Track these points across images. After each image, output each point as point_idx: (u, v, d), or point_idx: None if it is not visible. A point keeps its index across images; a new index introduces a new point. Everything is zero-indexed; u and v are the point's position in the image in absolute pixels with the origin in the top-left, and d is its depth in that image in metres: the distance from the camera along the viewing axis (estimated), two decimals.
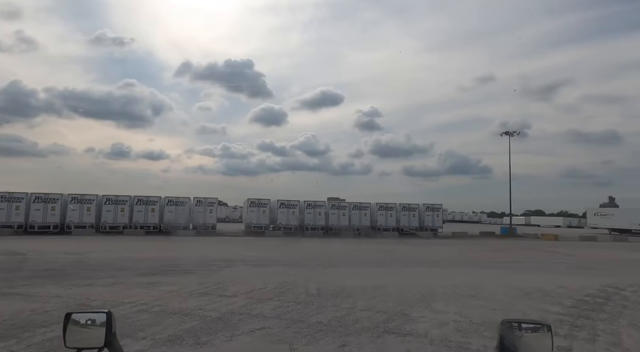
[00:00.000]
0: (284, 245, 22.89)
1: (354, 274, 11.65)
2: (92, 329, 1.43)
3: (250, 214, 33.80)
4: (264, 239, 28.13)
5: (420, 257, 17.83)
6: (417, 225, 37.08)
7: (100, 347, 1.40)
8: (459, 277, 11.44)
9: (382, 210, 36.70)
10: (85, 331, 1.44)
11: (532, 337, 1.40)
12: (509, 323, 1.40)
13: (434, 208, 37.93)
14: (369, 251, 20.12)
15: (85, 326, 1.44)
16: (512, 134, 39.91)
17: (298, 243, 24.67)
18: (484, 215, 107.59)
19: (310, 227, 34.59)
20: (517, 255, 19.64)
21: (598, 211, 46.80)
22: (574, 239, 33.67)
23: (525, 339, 1.37)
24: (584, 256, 19.60)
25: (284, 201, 34.54)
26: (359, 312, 6.99)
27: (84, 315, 1.48)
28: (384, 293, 8.67)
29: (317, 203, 35.29)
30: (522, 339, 1.37)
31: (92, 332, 1.43)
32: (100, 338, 1.40)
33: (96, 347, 1.40)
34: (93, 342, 1.41)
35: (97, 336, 1.41)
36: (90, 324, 1.45)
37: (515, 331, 1.38)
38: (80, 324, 1.45)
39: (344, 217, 35.69)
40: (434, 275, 11.90)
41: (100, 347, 1.40)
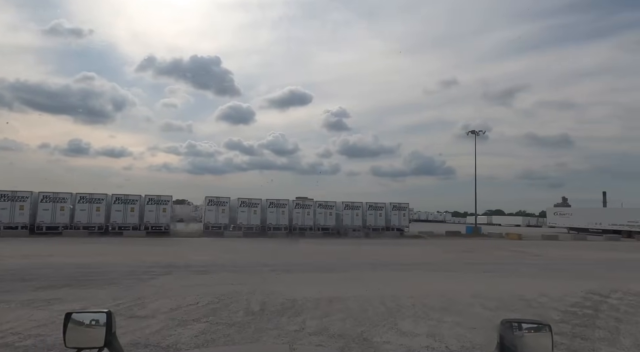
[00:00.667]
0: (241, 246, 21.04)
1: (311, 282, 10.10)
2: (92, 329, 1.41)
3: (208, 213, 31.57)
4: (221, 240, 26.07)
5: (386, 258, 16.57)
6: (383, 224, 36.15)
7: (100, 347, 1.37)
8: (428, 283, 10.17)
9: (348, 209, 35.48)
10: (85, 330, 1.41)
11: (532, 337, 1.38)
12: (508, 323, 1.38)
13: (400, 207, 37.15)
14: (332, 252, 18.69)
15: (85, 325, 1.42)
16: (478, 132, 39.92)
17: (257, 244, 22.88)
18: (448, 214, 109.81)
19: (273, 227, 32.82)
20: (485, 256, 18.83)
21: (557, 210, 47.94)
22: (536, 238, 33.86)
23: (525, 339, 1.35)
24: (551, 256, 19.09)
25: (244, 199, 32.55)
26: (307, 338, 5.44)
27: (84, 315, 1.44)
28: (343, 308, 7.16)
29: (280, 202, 33.53)
30: (522, 339, 1.34)
31: (92, 332, 1.40)
32: (100, 338, 1.38)
33: (96, 347, 1.37)
34: (93, 342, 1.38)
35: (97, 335, 1.38)
36: (90, 324, 1.42)
37: (515, 331, 1.36)
38: (80, 323, 1.42)
39: (308, 216, 34.16)
40: (401, 281, 10.57)
41: (100, 347, 1.37)
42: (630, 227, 38.19)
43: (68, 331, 1.40)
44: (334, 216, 35.03)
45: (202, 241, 25.48)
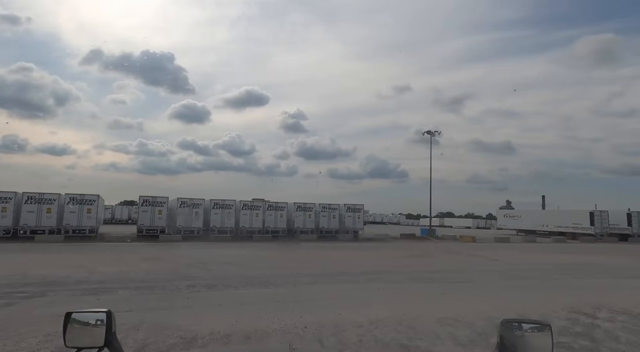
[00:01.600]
0: (170, 253, 18.14)
1: (231, 304, 7.77)
2: (92, 329, 1.41)
3: (142, 215, 28.04)
4: (153, 246, 22.86)
5: (336, 266, 14.52)
6: (337, 227, 34.35)
7: (100, 346, 1.37)
8: (381, 303, 8.17)
9: (300, 210, 33.31)
10: (85, 330, 1.41)
11: (532, 337, 1.38)
12: (509, 323, 1.38)
13: (355, 209, 35.55)
14: (276, 259, 16.39)
15: (85, 325, 1.42)
16: (433, 133, 39.37)
17: (192, 250, 20.04)
18: (402, 217, 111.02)
19: (217, 230, 29.88)
20: (442, 261, 17.38)
21: (507, 213, 48.78)
22: (489, 240, 33.56)
23: (525, 339, 1.36)
24: (508, 260, 18.01)
25: (185, 199, 29.35)
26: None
27: (84, 314, 1.44)
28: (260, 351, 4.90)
29: (225, 202, 30.67)
30: (522, 339, 1.35)
31: (92, 331, 1.40)
32: (100, 338, 1.38)
33: (96, 346, 1.37)
34: (93, 342, 1.38)
35: (97, 335, 1.38)
36: (90, 324, 1.42)
37: (515, 331, 1.37)
38: (80, 323, 1.42)
39: (257, 218, 31.56)
40: (347, 300, 8.49)
41: (100, 347, 1.37)
42: (574, 229, 39.23)
43: (68, 330, 1.39)
44: (285, 218, 32.73)
45: (130, 246, 22.16)
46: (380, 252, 21.38)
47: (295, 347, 1.59)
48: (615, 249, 27.81)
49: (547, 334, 1.37)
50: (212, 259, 15.96)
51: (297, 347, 1.62)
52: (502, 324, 1.39)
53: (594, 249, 27.33)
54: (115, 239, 25.40)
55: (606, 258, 20.24)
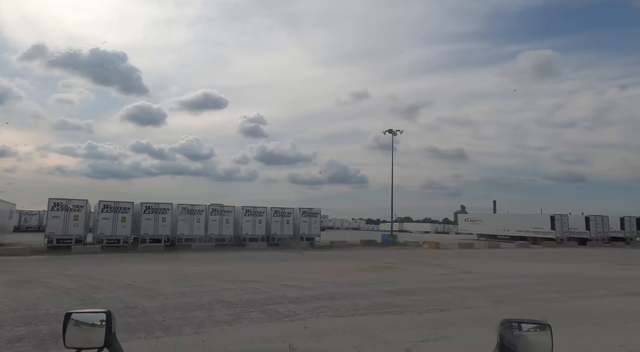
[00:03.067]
0: (62, 272, 13.95)
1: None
2: (92, 329, 1.40)
3: (53, 222, 23.18)
4: (50, 260, 18.37)
5: (278, 286, 11.18)
6: (290, 233, 30.99)
7: (100, 347, 1.36)
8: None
9: (249, 215, 29.62)
10: (85, 330, 1.40)
11: (532, 336, 1.38)
12: (509, 323, 1.37)
13: (311, 213, 32.37)
14: (198, 278, 12.77)
15: (85, 325, 1.41)
16: (395, 132, 37.13)
17: (99, 266, 15.91)
18: (362, 222, 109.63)
19: (149, 239, 25.53)
20: (408, 275, 14.53)
21: (468, 217, 47.66)
22: (453, 246, 31.58)
23: (525, 339, 1.35)
24: (482, 272, 15.52)
25: (108, 202, 24.76)
26: None
27: (84, 315, 1.44)
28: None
29: (160, 206, 26.39)
30: (522, 339, 1.35)
31: (92, 332, 1.39)
32: (100, 338, 1.37)
33: (96, 347, 1.36)
34: (93, 342, 1.37)
35: (97, 335, 1.38)
36: (90, 324, 1.41)
37: (515, 331, 1.36)
38: (80, 323, 1.41)
39: (198, 224, 27.51)
40: None
41: (100, 347, 1.36)
42: (536, 234, 38.38)
43: (68, 331, 1.38)
44: (232, 223, 28.90)
45: (18, 261, 17.54)
46: (337, 263, 18.26)
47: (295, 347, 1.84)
48: (582, 254, 26.56)
49: (547, 334, 1.37)
50: (114, 279, 12.07)
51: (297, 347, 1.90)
52: (502, 324, 1.38)
53: (560, 254, 25.88)
54: (11, 251, 20.46)
55: (583, 266, 18.38)
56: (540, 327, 1.40)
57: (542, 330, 1.39)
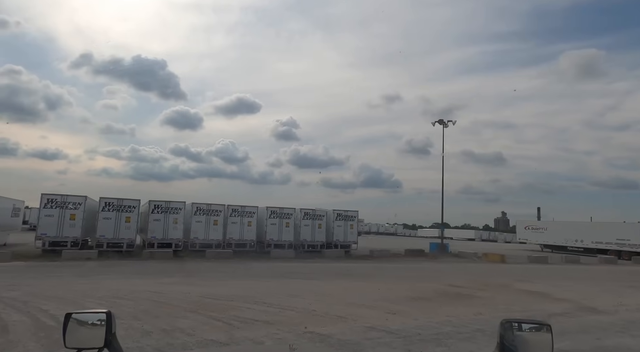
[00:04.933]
0: (21, 288, 10.04)
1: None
2: (92, 329, 1.41)
3: (45, 221, 19.82)
4: (33, 268, 14.75)
5: (288, 339, 6.58)
6: (323, 239, 26.34)
7: (100, 347, 1.37)
8: None
9: (275, 217, 25.25)
10: (85, 331, 1.41)
11: (532, 336, 1.38)
12: (509, 323, 1.38)
13: (347, 217, 27.59)
14: (176, 310, 8.42)
15: (85, 325, 1.42)
16: (447, 123, 31.60)
17: (77, 279, 11.95)
18: (399, 227, 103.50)
19: (157, 244, 21.75)
20: (499, 312, 9.46)
21: (530, 224, 40.98)
22: (521, 259, 25.70)
23: (525, 339, 1.35)
24: (615, 311, 10.15)
25: (110, 200, 21.19)
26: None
27: (84, 315, 1.45)
28: None
29: (170, 205, 22.57)
30: (522, 339, 1.34)
31: (92, 332, 1.40)
32: (100, 338, 1.38)
33: (96, 347, 1.37)
34: (93, 343, 1.38)
35: (97, 336, 1.38)
36: (90, 324, 1.42)
37: (515, 331, 1.36)
38: (80, 323, 1.42)
39: (215, 227, 23.47)
40: None
41: (100, 348, 1.37)
42: (620, 246, 31.51)
43: (68, 331, 1.39)
44: (255, 227, 24.66)
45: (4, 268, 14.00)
46: (386, 284, 13.39)
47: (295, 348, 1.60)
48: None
49: (547, 334, 1.38)
50: (84, 299, 7.91)
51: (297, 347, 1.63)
52: (502, 324, 1.38)
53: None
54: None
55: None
56: (541, 327, 1.41)
57: (543, 330, 1.40)
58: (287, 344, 4.32)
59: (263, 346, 4.70)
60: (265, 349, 3.40)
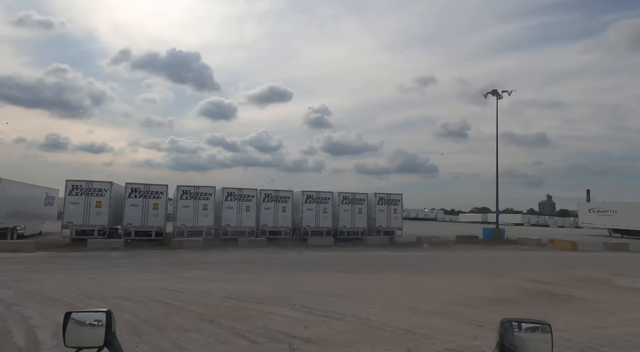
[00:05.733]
0: (11, 282, 8.56)
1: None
2: (92, 329, 1.39)
3: (71, 209, 18.80)
4: (52, 259, 13.56)
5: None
6: (364, 226, 24.06)
7: (99, 346, 1.36)
8: None
9: (311, 202, 23.20)
10: (84, 330, 1.39)
11: (532, 336, 1.38)
12: (509, 323, 1.37)
13: (390, 200, 25.08)
14: (180, 314, 6.47)
15: (85, 325, 1.40)
16: (501, 94, 27.96)
17: (81, 275, 10.41)
18: (440, 212, 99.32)
19: (186, 232, 20.33)
20: (618, 319, 6.82)
21: (595, 206, 36.56)
22: (596, 246, 22.21)
23: (525, 339, 1.34)
24: None
25: (137, 185, 19.86)
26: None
27: (84, 314, 1.44)
28: None
29: (199, 190, 21.01)
30: (522, 339, 1.34)
31: (92, 331, 1.38)
32: (99, 337, 1.36)
33: (96, 346, 1.36)
34: (93, 342, 1.36)
35: (96, 335, 1.37)
36: (89, 324, 1.40)
37: (515, 330, 1.36)
38: (80, 323, 1.40)
39: (247, 213, 21.76)
40: None
41: (99, 347, 1.36)
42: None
43: (67, 330, 1.38)
44: (290, 213, 22.73)
45: (9, 261, 12.86)
46: (448, 280, 10.94)
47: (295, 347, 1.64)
48: None
49: (547, 334, 1.37)
50: (85, 300, 6.18)
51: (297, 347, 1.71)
52: (502, 323, 1.37)
53: None
54: (12, 246, 16.23)
55: None
56: (541, 327, 1.39)
57: (542, 330, 1.39)
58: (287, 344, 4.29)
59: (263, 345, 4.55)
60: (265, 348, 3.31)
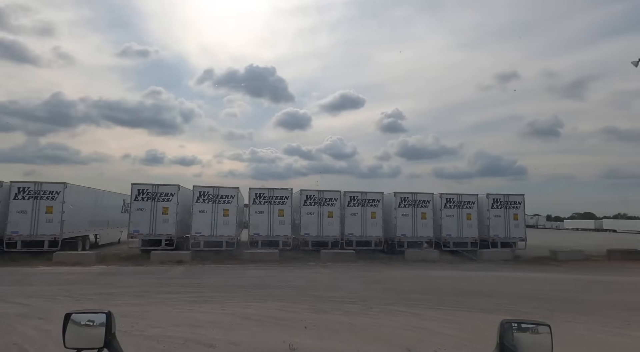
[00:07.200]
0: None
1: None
2: (92, 329, 1.39)
3: (137, 216, 16.79)
4: (105, 276, 11.19)
5: None
6: (475, 235, 18.99)
7: (99, 347, 1.35)
8: None
9: (406, 206, 18.83)
10: (84, 331, 1.39)
11: (532, 337, 1.39)
12: (509, 323, 1.37)
13: (507, 203, 19.67)
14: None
15: (85, 326, 1.40)
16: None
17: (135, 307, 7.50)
18: (541, 218, 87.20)
19: (260, 242, 17.31)
20: None
21: None
22: None
23: (525, 339, 1.35)
24: None
25: (205, 188, 17.30)
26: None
27: (84, 315, 1.42)
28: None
29: (274, 193, 17.88)
30: (522, 339, 1.34)
31: (92, 332, 1.38)
32: (99, 338, 1.36)
33: (96, 347, 1.35)
34: (93, 343, 1.36)
35: (96, 336, 1.37)
36: (89, 324, 1.40)
37: (515, 331, 1.36)
38: (80, 324, 1.40)
39: (330, 220, 18.11)
40: None
41: (99, 348, 1.35)
42: None
43: (67, 331, 1.37)
44: (380, 219, 18.58)
45: (61, 275, 10.70)
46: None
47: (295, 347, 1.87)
48: None
49: (546, 334, 1.37)
50: None
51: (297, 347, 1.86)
52: (502, 324, 1.37)
53: None
54: (73, 259, 14.43)
55: None
56: (540, 328, 1.40)
57: (542, 330, 1.39)
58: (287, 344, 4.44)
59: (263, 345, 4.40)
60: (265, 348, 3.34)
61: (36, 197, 15.78)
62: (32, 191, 15.80)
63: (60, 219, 15.84)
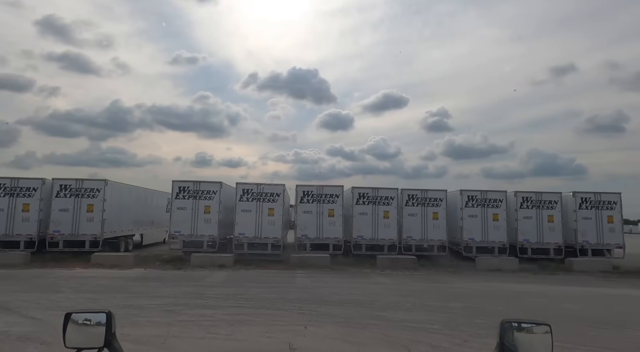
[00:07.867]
0: None
1: None
2: (92, 329, 1.37)
3: (178, 215, 15.71)
4: (135, 284, 9.97)
5: None
6: (558, 239, 16.05)
7: (100, 347, 1.33)
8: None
9: (474, 205, 16.30)
10: (85, 331, 1.37)
11: (532, 336, 1.36)
12: (509, 323, 1.35)
13: (600, 203, 16.49)
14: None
15: (85, 326, 1.38)
16: None
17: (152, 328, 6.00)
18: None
19: (309, 245, 15.58)
20: None
21: None
22: None
23: (525, 339, 1.32)
24: None
25: (249, 186, 15.90)
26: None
27: (84, 315, 1.41)
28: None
29: (324, 191, 16.02)
30: (522, 339, 1.32)
31: (92, 332, 1.36)
32: (100, 338, 1.34)
33: (96, 347, 1.33)
34: (93, 342, 1.34)
35: (96, 336, 1.35)
36: (90, 324, 1.38)
37: (515, 331, 1.33)
38: (80, 324, 1.38)
39: (385, 221, 16.02)
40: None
41: (100, 347, 1.33)
42: None
43: (68, 331, 1.35)
44: (443, 221, 16.20)
45: (97, 279, 9.62)
46: None
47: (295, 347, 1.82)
48: None
49: (547, 334, 1.34)
50: None
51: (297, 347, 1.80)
52: (502, 324, 1.34)
53: None
54: (112, 261, 13.50)
55: None
56: (540, 327, 1.37)
57: (542, 330, 1.36)
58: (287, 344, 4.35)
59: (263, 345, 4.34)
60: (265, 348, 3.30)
61: (77, 195, 15.12)
62: (73, 188, 15.17)
63: (101, 217, 15.09)
